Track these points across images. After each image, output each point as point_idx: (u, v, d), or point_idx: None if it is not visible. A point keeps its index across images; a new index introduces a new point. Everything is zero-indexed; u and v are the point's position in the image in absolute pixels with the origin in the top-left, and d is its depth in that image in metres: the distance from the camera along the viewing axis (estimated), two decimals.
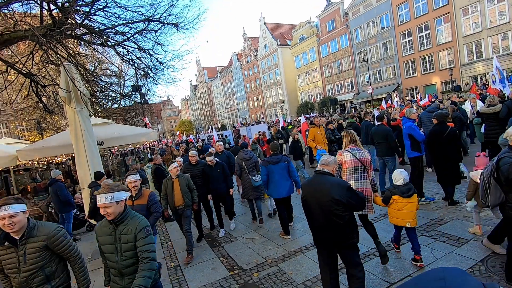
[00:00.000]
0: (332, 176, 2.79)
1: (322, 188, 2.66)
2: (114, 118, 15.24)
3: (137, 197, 3.81)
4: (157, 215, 3.86)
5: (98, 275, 4.79)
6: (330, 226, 2.62)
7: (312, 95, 40.47)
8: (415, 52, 27.26)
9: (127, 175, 3.92)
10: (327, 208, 2.60)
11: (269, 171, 4.96)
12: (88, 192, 5.26)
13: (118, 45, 6.59)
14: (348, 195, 2.59)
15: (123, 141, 8.49)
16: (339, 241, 2.65)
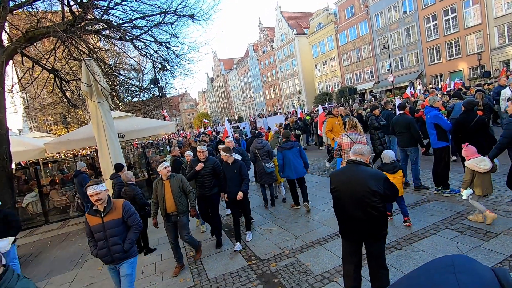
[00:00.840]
0: (368, 166, 2.69)
1: (358, 178, 2.57)
2: (134, 112, 15.63)
3: (106, 212, 3.09)
4: (137, 228, 3.25)
5: None
6: (364, 218, 2.53)
7: (330, 85, 39.55)
8: (440, 37, 25.83)
9: (87, 186, 3.09)
10: (363, 199, 2.52)
11: (284, 156, 5.65)
12: (110, 183, 5.45)
13: (136, 39, 6.69)
14: (385, 186, 2.51)
15: (143, 133, 8.71)
16: (373, 233, 2.57)
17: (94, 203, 3.06)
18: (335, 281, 3.33)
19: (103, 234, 3.11)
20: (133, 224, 3.22)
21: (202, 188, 4.92)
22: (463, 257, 0.85)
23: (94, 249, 3.16)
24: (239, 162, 4.85)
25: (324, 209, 5.66)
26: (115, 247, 3.11)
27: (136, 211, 3.37)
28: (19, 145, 7.87)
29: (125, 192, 4.94)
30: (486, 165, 3.85)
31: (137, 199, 4.85)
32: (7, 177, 5.69)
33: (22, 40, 5.56)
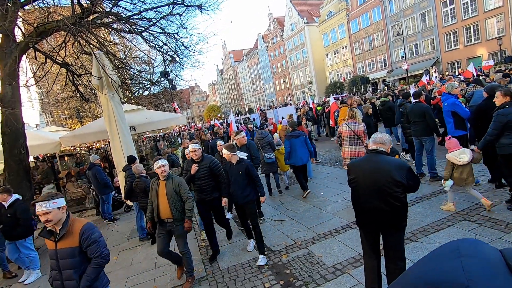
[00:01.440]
0: (390, 156, 2.59)
1: (380, 168, 2.47)
2: (145, 105, 15.79)
3: (60, 237, 2.37)
4: (99, 262, 2.42)
5: (136, 253, 5.10)
6: (386, 208, 2.45)
7: (342, 74, 38.73)
8: (458, 21, 24.71)
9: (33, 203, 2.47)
10: (385, 190, 2.43)
11: (291, 144, 5.99)
12: (123, 175, 5.53)
13: (145, 31, 6.67)
14: (409, 176, 2.42)
15: (154, 126, 8.77)
16: (394, 224, 2.50)
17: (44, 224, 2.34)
18: (347, 273, 3.29)
19: (55, 264, 2.41)
20: (93, 255, 2.39)
21: (201, 192, 4.28)
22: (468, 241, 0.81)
23: (50, 277, 2.52)
24: (246, 162, 4.11)
25: (336, 201, 5.58)
26: (69, 282, 2.38)
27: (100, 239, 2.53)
28: (35, 139, 8.08)
29: (136, 185, 5.01)
30: (464, 158, 4.07)
31: (148, 191, 4.90)
32: (25, 170, 5.86)
33: (34, 35, 5.64)
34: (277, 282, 3.39)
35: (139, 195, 5.07)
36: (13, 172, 5.67)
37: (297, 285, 3.27)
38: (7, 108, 5.40)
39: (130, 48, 13.08)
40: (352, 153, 5.10)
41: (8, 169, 5.69)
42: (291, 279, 3.39)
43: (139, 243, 5.51)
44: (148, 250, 5.12)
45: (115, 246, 5.59)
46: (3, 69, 5.50)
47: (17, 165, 5.69)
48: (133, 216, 5.66)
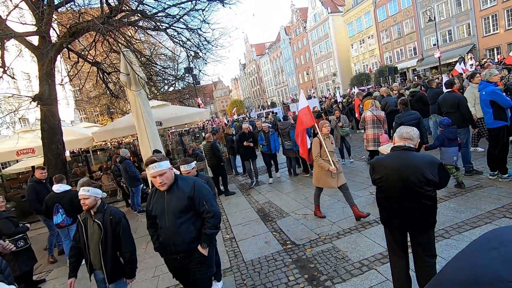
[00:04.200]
0: (418, 152, 2.43)
1: (411, 166, 2.32)
2: (170, 100, 16.23)
3: None
4: None
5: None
6: (416, 208, 2.32)
7: (368, 65, 37.29)
8: (498, 3, 22.76)
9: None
10: (416, 189, 2.29)
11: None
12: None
13: (169, 27, 6.81)
14: (441, 173, 2.27)
15: (179, 121, 8.99)
16: (424, 222, 2.36)
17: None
18: (374, 269, 3.20)
19: None
20: None
21: None
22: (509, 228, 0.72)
23: None
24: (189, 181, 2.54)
25: (362, 195, 5.43)
26: None
27: None
28: (70, 135, 8.59)
29: None
30: (387, 150, 3.90)
31: None
32: (62, 163, 6.26)
33: (67, 36, 5.94)
34: (301, 276, 3.37)
35: None
36: (52, 165, 6.07)
37: (321, 279, 3.23)
38: (45, 105, 5.77)
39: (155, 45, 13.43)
40: (375, 135, 6.19)
41: (48, 162, 6.11)
42: (315, 273, 3.36)
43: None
44: None
45: (143, 236, 5.84)
46: (40, 69, 5.88)
47: (55, 159, 6.09)
48: None
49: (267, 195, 6.90)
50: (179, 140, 12.45)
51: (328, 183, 4.68)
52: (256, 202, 6.52)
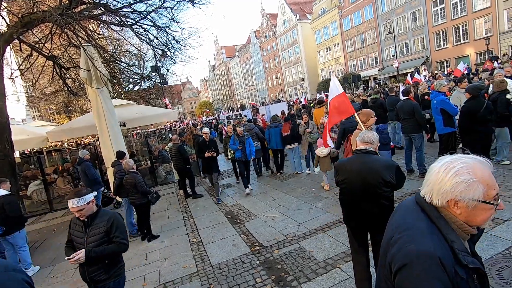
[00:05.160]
0: (378, 155, 2.57)
1: (371, 168, 2.43)
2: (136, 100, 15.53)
3: None
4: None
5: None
6: (376, 208, 2.43)
7: (334, 72, 38.93)
8: (448, 21, 25.11)
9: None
10: (375, 190, 2.41)
11: (270, 133, 7.75)
12: (112, 170, 5.44)
13: (135, 24, 6.54)
14: (398, 175, 2.41)
15: (145, 121, 8.65)
16: (383, 222, 2.49)
17: None
18: (338, 268, 3.32)
19: None
20: None
21: None
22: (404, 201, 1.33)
23: None
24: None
25: (328, 196, 5.63)
26: None
27: None
28: (21, 134, 7.86)
29: (126, 180, 4.93)
30: (323, 153, 5.91)
31: (139, 186, 4.84)
32: (10, 165, 5.69)
33: (19, 26, 5.44)
34: (268, 277, 3.40)
35: (129, 191, 5.00)
36: None
37: (288, 280, 3.29)
38: None
39: (120, 42, 12.79)
40: (334, 138, 6.24)
41: None
42: (282, 274, 3.40)
43: (129, 239, 5.42)
44: (138, 246, 5.06)
45: None
46: None
47: (2, 160, 5.53)
48: (123, 212, 5.58)
49: (235, 197, 6.88)
50: (145, 141, 11.97)
51: None
52: (224, 205, 6.47)
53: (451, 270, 0.97)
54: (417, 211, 1.15)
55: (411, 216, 1.16)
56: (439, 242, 1.02)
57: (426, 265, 0.97)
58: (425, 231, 1.06)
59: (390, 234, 1.21)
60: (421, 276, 0.97)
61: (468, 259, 1.01)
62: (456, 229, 1.06)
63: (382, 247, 1.27)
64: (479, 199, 1.00)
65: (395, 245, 1.11)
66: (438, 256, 0.97)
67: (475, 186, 1.00)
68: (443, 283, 0.95)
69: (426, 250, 1.00)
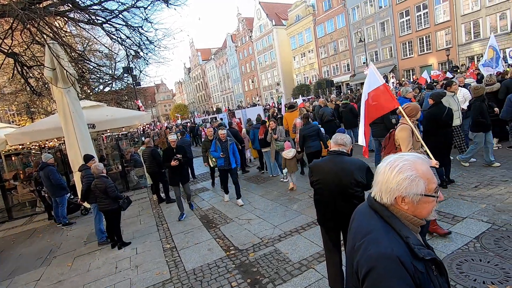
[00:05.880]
0: (350, 156, 2.66)
1: (344, 169, 2.52)
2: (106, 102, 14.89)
3: None
4: None
5: (93, 258, 4.78)
6: (349, 208, 2.45)
7: (308, 77, 39.92)
8: (413, 32, 26.77)
9: None
10: (348, 190, 2.49)
11: (254, 133, 8.03)
12: (79, 175, 5.16)
13: (106, 22, 6.28)
14: (368, 176, 2.51)
15: (116, 123, 8.31)
16: None
17: None
18: (313, 268, 3.38)
19: None
20: None
21: None
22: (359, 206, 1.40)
23: None
24: None
25: (302, 199, 5.73)
26: None
27: None
28: None
29: (95, 185, 4.70)
30: (289, 155, 6.22)
31: (109, 191, 4.63)
32: None
33: None
34: (244, 281, 3.38)
35: (98, 196, 4.76)
36: None
37: (263, 282, 3.29)
38: None
39: (89, 41, 12.23)
40: (296, 140, 6.75)
41: None
42: (258, 277, 3.40)
43: (98, 247, 5.17)
44: (108, 254, 4.82)
45: (69, 252, 5.19)
46: None
47: None
48: (91, 219, 5.30)
49: (210, 201, 6.79)
50: (116, 144, 11.49)
51: None
52: (199, 209, 6.36)
53: (410, 266, 1.01)
54: (371, 214, 1.20)
55: (366, 220, 1.21)
56: (396, 241, 1.07)
57: (387, 267, 1.01)
58: (381, 232, 1.11)
59: (352, 242, 1.24)
60: (384, 278, 1.01)
61: (423, 252, 1.06)
62: (408, 224, 1.12)
63: (347, 257, 1.31)
64: (422, 193, 1.07)
65: (358, 252, 1.15)
66: (396, 255, 1.02)
67: (417, 181, 1.07)
68: (406, 281, 0.99)
69: (384, 252, 1.04)
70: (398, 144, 3.50)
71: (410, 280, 1.00)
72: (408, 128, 3.42)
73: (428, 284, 1.04)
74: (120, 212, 4.97)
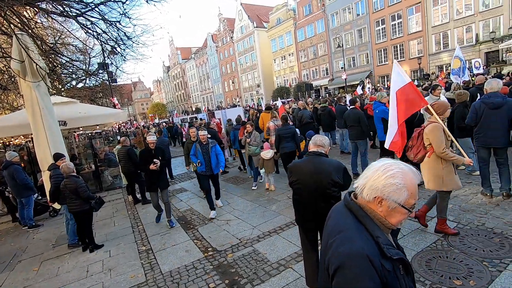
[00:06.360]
0: (328, 158, 2.73)
1: (322, 170, 2.58)
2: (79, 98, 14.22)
3: None
4: None
5: (63, 261, 4.55)
6: (326, 208, 2.55)
7: (288, 80, 40.44)
8: (388, 40, 27.97)
9: None
10: (325, 190, 2.55)
11: (234, 134, 8.15)
12: (48, 174, 4.89)
13: (81, 15, 6.02)
14: (345, 176, 2.58)
15: (90, 121, 7.98)
16: None
17: None
18: (291, 268, 3.42)
19: None
20: None
21: None
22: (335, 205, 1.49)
23: None
24: None
25: (281, 200, 5.78)
26: None
27: None
28: None
29: (65, 185, 4.47)
30: (267, 155, 6.28)
31: (80, 192, 4.42)
32: None
33: None
34: (222, 282, 3.35)
35: (68, 196, 4.53)
36: None
37: (242, 283, 3.28)
38: None
39: (62, 33, 11.63)
40: (271, 141, 6.99)
41: None
42: (236, 278, 3.39)
43: (68, 250, 4.92)
44: (78, 257, 4.59)
45: (36, 256, 4.89)
46: None
47: None
48: (60, 221, 5.03)
49: (189, 202, 6.68)
50: (89, 143, 11.00)
51: (456, 183, 3.43)
52: (177, 210, 6.23)
53: (378, 265, 1.06)
54: (346, 213, 1.25)
55: (341, 219, 1.26)
56: (367, 240, 1.11)
57: (357, 265, 1.06)
58: (354, 231, 1.15)
59: (326, 239, 1.28)
60: (353, 275, 1.06)
61: (392, 252, 1.11)
62: (379, 224, 1.17)
63: (321, 254, 1.34)
64: (401, 203, 1.12)
65: (330, 249, 1.18)
66: (366, 253, 1.06)
67: (402, 191, 1.11)
68: (373, 279, 1.04)
69: (355, 250, 1.08)
70: (428, 143, 3.39)
71: (377, 277, 1.05)
72: (439, 126, 3.30)
73: (394, 282, 1.09)
74: (92, 213, 4.76)
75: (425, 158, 3.48)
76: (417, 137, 3.57)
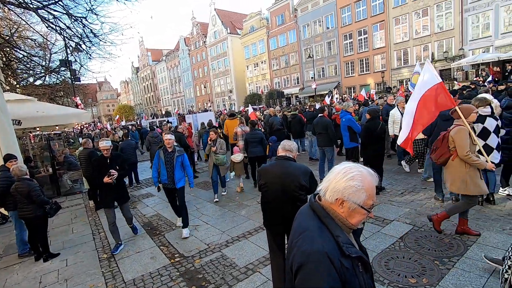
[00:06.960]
0: (296, 162, 2.82)
1: (290, 173, 2.65)
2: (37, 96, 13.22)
3: None
4: None
5: (11, 273, 4.16)
6: (293, 211, 2.59)
7: (260, 87, 40.97)
8: (355, 53, 29.53)
9: None
10: (293, 193, 2.62)
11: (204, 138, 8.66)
12: None
13: (42, 8, 5.69)
14: (311, 180, 2.68)
15: (48, 121, 7.48)
16: None
17: None
18: (258, 272, 3.44)
19: None
20: None
21: None
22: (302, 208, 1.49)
23: None
24: None
25: (251, 204, 5.81)
26: None
27: None
28: None
29: (16, 189, 4.12)
30: (237, 159, 6.58)
31: (34, 196, 4.10)
32: None
33: None
34: None
35: (19, 201, 4.17)
36: None
37: None
38: None
39: (19, 26, 10.81)
40: (240, 145, 7.32)
41: None
42: (203, 283, 3.33)
43: (18, 260, 4.51)
44: (30, 268, 4.23)
45: None
46: None
47: None
48: (9, 228, 4.61)
49: (155, 207, 6.46)
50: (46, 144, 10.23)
51: (481, 187, 3.36)
52: (142, 216, 6.00)
53: (337, 263, 1.12)
54: (310, 214, 1.32)
55: (305, 219, 1.32)
56: (327, 239, 1.17)
57: (317, 263, 1.12)
58: (316, 231, 1.21)
59: (291, 239, 1.34)
60: (313, 272, 1.11)
61: (351, 250, 1.17)
62: (341, 225, 1.24)
63: (286, 254, 1.39)
64: (360, 204, 1.19)
65: (294, 248, 1.24)
66: (326, 251, 1.12)
67: (361, 192, 1.18)
68: (332, 276, 1.10)
69: (316, 248, 1.14)
70: (453, 146, 3.35)
71: (337, 275, 1.11)
72: (465, 129, 3.24)
73: (353, 279, 1.16)
74: (47, 219, 4.43)
75: (449, 161, 3.47)
76: (441, 140, 3.56)
